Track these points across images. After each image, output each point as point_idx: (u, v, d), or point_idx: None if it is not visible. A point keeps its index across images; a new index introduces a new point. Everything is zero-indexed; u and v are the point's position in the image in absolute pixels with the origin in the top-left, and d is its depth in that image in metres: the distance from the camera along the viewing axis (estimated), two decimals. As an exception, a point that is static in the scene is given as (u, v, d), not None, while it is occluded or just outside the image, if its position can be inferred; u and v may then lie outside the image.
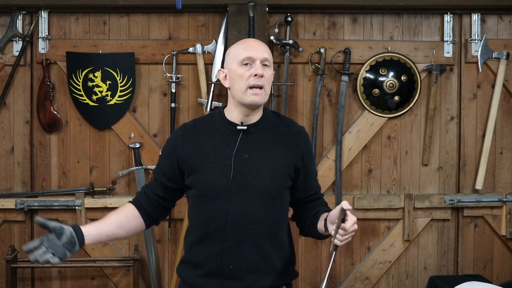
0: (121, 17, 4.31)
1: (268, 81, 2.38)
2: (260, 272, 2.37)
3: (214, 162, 2.37)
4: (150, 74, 4.31)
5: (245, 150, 2.37)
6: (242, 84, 2.35)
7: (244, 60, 2.36)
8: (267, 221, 2.37)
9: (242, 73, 2.36)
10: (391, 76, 4.31)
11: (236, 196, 2.34)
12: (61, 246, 2.32)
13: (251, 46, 2.40)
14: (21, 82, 4.29)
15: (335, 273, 4.42)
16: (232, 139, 2.39)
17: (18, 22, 4.23)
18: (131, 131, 4.26)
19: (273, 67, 2.49)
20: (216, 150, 2.38)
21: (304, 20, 4.34)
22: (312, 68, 4.30)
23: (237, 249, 2.35)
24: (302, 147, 2.45)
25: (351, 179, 4.40)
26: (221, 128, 2.42)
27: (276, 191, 2.38)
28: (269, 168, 2.37)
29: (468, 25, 4.36)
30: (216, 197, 2.35)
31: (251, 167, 2.36)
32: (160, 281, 4.32)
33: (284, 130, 2.45)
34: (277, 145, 2.41)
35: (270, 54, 2.44)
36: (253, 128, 2.41)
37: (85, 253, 4.30)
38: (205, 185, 2.37)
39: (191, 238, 2.44)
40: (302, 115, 4.35)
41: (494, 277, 4.43)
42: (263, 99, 2.37)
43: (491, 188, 4.43)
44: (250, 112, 2.40)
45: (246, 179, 2.34)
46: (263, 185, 2.35)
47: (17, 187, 4.32)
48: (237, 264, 2.35)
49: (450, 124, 4.40)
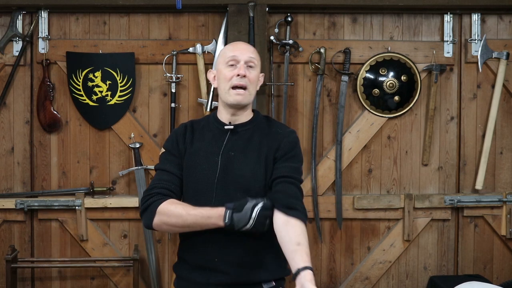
0: (121, 17, 4.31)
1: (252, 82, 2.46)
2: (245, 266, 2.41)
3: (203, 158, 2.48)
4: (150, 74, 4.31)
5: (231, 149, 2.48)
6: (226, 84, 2.46)
7: (229, 61, 2.46)
8: None
9: (226, 74, 2.46)
10: (391, 76, 4.31)
11: (221, 191, 2.43)
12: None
13: (237, 47, 2.51)
14: (21, 82, 4.29)
15: (335, 273, 4.42)
16: (221, 138, 2.50)
17: (18, 22, 4.23)
18: (131, 131, 4.26)
19: (274, 67, 2.53)
20: (206, 148, 2.50)
21: (304, 20, 4.34)
22: (312, 68, 4.30)
23: (221, 243, 2.41)
24: (283, 143, 2.49)
25: (351, 179, 4.40)
26: (212, 128, 2.54)
27: (257, 187, 2.44)
28: (251, 166, 2.45)
29: (468, 25, 4.36)
30: (203, 192, 2.45)
31: (235, 164, 2.45)
32: (160, 281, 4.32)
33: (271, 131, 2.53)
34: (262, 145, 2.49)
35: (257, 55, 2.53)
36: (241, 128, 2.51)
37: (85, 253, 4.30)
38: (193, 181, 2.47)
39: (182, 233, 2.52)
40: (302, 115, 4.35)
41: (494, 277, 4.43)
42: (246, 99, 2.47)
43: (491, 188, 4.43)
44: (236, 111, 2.49)
45: (230, 176, 2.44)
46: (244, 181, 2.43)
47: (17, 187, 4.32)
48: (222, 257, 2.41)
49: (450, 124, 4.40)
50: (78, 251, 4.32)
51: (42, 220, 4.31)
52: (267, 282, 2.45)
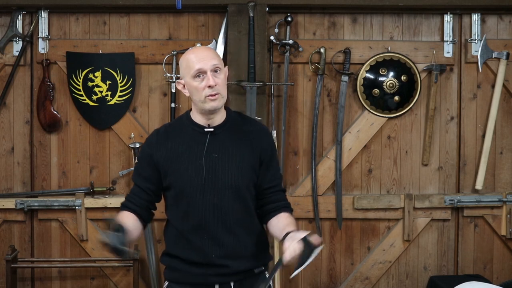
0: (121, 17, 4.31)
1: (221, 86, 2.58)
2: (239, 257, 2.60)
3: (187, 163, 2.58)
4: (150, 74, 4.31)
5: (213, 150, 2.59)
6: (199, 95, 2.56)
7: (195, 74, 2.55)
8: (240, 211, 2.60)
9: (196, 86, 2.55)
10: (391, 76, 4.31)
11: (210, 192, 2.57)
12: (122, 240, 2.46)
13: (199, 57, 2.58)
14: (21, 82, 4.29)
15: (335, 273, 4.43)
16: (201, 141, 2.60)
17: (18, 22, 4.23)
18: (131, 131, 4.26)
19: (274, 67, 2.58)
20: (188, 152, 2.60)
21: (304, 20, 4.34)
22: (312, 68, 4.30)
23: (216, 240, 2.58)
24: (265, 143, 2.67)
25: (351, 179, 4.40)
26: (190, 131, 2.63)
27: (244, 184, 2.60)
28: (236, 164, 2.59)
29: (468, 25, 4.36)
30: (193, 194, 2.57)
31: (220, 165, 2.58)
32: (160, 281, 4.32)
33: (248, 129, 2.68)
34: (242, 143, 2.63)
35: (219, 57, 2.63)
36: (219, 129, 2.62)
37: (85, 253, 4.30)
38: (181, 185, 2.58)
39: (173, 233, 2.65)
40: (302, 115, 4.35)
41: (494, 277, 4.43)
42: (221, 102, 2.59)
43: (491, 188, 4.43)
44: (213, 115, 2.60)
45: (217, 176, 2.57)
46: (232, 180, 2.58)
47: (17, 187, 4.32)
48: (218, 252, 2.58)
49: (450, 124, 4.40)
50: (78, 251, 4.32)
51: (42, 220, 4.31)
52: (257, 268, 2.67)
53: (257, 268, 2.67)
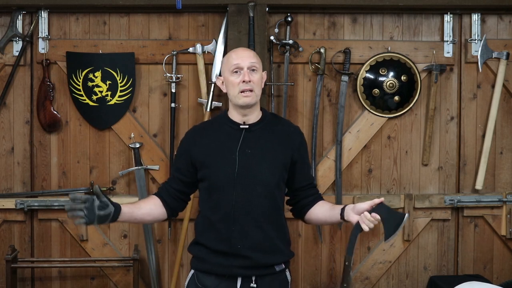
0: (121, 17, 4.31)
1: (256, 84, 2.77)
2: (264, 251, 2.75)
3: (221, 157, 2.76)
4: (150, 74, 4.31)
5: (247, 146, 2.76)
6: (234, 90, 2.76)
7: (233, 69, 2.77)
8: (268, 207, 2.75)
9: (233, 81, 2.77)
10: (391, 76, 4.31)
11: (241, 186, 2.72)
12: (96, 215, 2.62)
13: (239, 55, 2.80)
14: (21, 82, 4.29)
15: (335, 273, 4.43)
16: (236, 137, 2.77)
17: (18, 22, 4.23)
18: (131, 131, 4.26)
19: (274, 67, 2.64)
20: (223, 147, 2.77)
21: (304, 20, 4.34)
22: (312, 68, 4.30)
23: (243, 232, 2.73)
24: (298, 143, 2.86)
25: (351, 179, 4.40)
26: (226, 127, 2.82)
27: (275, 181, 2.76)
28: (269, 162, 2.76)
29: (468, 25, 4.36)
30: (224, 187, 2.74)
31: (253, 161, 2.74)
32: (160, 281, 4.32)
33: (282, 129, 2.85)
34: (275, 141, 2.80)
35: (258, 58, 2.83)
36: (254, 127, 2.80)
37: (85, 253, 4.30)
38: (214, 178, 2.76)
39: (203, 224, 2.82)
40: (302, 115, 4.35)
41: (494, 277, 4.43)
42: (254, 99, 2.77)
43: (491, 188, 4.43)
44: (247, 112, 2.79)
45: (249, 171, 2.73)
46: (263, 176, 2.74)
47: (17, 187, 4.32)
48: (244, 244, 2.73)
49: (450, 124, 4.40)
50: (78, 251, 4.32)
51: (42, 220, 4.31)
52: (278, 265, 2.80)
53: (278, 265, 2.80)
